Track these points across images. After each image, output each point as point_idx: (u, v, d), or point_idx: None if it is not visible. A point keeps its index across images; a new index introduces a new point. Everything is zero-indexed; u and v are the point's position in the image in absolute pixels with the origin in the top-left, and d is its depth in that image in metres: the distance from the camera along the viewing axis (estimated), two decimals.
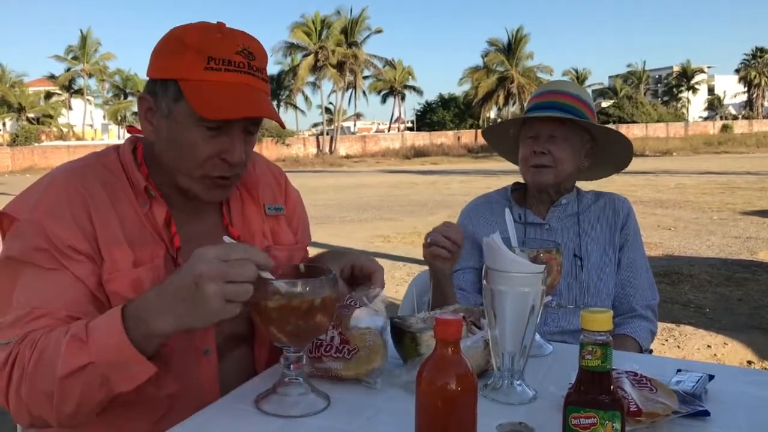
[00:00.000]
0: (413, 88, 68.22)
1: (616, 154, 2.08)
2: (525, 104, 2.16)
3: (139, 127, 1.35)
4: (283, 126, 1.35)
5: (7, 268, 1.19)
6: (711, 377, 1.25)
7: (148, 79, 1.29)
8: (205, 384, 1.31)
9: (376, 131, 76.61)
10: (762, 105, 76.25)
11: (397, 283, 6.53)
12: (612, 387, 0.90)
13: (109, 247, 1.22)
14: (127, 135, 1.41)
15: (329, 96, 58.90)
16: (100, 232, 1.22)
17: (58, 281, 1.16)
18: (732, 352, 4.39)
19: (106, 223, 1.23)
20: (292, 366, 1.15)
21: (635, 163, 2.15)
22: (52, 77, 64.38)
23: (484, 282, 1.22)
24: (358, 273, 1.37)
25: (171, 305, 1.03)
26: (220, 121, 1.22)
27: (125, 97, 65.07)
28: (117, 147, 1.36)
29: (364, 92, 61.56)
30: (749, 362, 4.21)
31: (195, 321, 1.03)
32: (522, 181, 2.14)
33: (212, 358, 1.32)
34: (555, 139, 1.93)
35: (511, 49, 57.34)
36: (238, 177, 1.33)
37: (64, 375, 1.04)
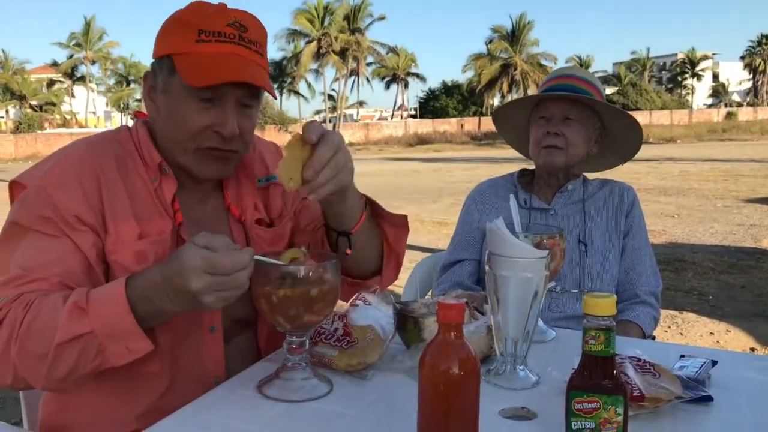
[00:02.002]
0: (416, 75, 67.98)
1: (625, 142, 2.08)
2: (528, 91, 2.15)
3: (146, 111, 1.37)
4: (274, 95, 1.34)
5: (11, 232, 1.20)
6: (714, 363, 1.25)
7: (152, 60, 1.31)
8: (209, 362, 1.32)
9: (378, 119, 76.36)
10: (767, 92, 75.81)
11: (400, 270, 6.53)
12: (615, 372, 0.89)
13: (116, 219, 1.24)
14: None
15: (332, 83, 58.65)
16: (107, 205, 1.24)
17: (57, 248, 1.18)
18: (735, 340, 4.39)
19: (114, 196, 1.25)
20: (294, 351, 1.16)
21: (639, 151, 2.15)
22: (54, 64, 64.29)
23: (487, 267, 1.21)
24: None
25: (175, 300, 1.05)
26: (212, 92, 1.23)
27: (128, 85, 64.97)
28: (128, 126, 1.38)
29: (367, 79, 61.40)
30: (752, 349, 4.21)
31: (202, 310, 1.14)
32: (529, 168, 2.14)
33: (218, 336, 1.32)
34: (569, 121, 1.94)
35: (514, 36, 57.07)
36: (237, 155, 1.33)
37: (63, 341, 1.05)
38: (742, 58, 76.96)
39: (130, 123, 1.40)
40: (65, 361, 1.07)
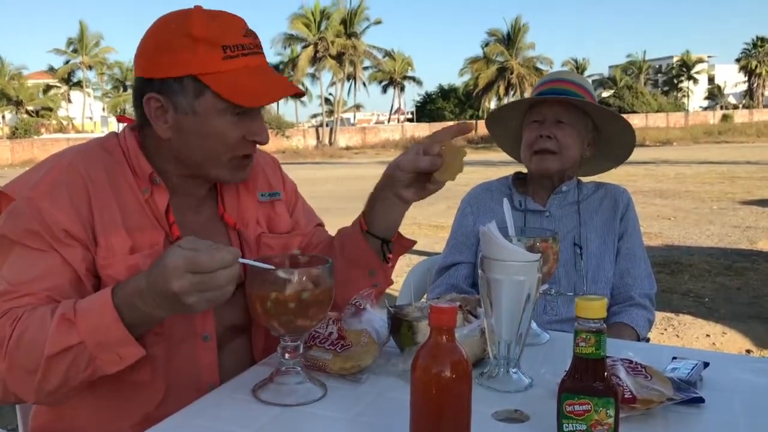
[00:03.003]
0: (413, 79, 68.01)
1: (618, 145, 2.09)
2: (525, 95, 2.16)
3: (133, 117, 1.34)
4: (303, 93, 1.35)
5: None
6: (706, 365, 1.25)
7: (147, 78, 1.24)
8: (204, 370, 1.32)
9: (375, 122, 76.43)
10: (762, 94, 75.97)
11: (396, 273, 6.53)
12: (606, 374, 0.90)
13: (106, 232, 1.22)
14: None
15: (329, 87, 58.66)
16: (97, 218, 1.22)
17: (45, 262, 1.17)
18: (731, 342, 4.39)
19: (105, 208, 1.23)
20: (288, 355, 1.16)
21: (635, 153, 2.16)
22: (51, 70, 64.19)
23: (480, 271, 1.22)
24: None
25: (161, 304, 1.05)
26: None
27: (125, 90, 64.90)
28: (116, 134, 1.35)
29: (364, 83, 61.41)
30: (748, 351, 4.22)
31: (189, 313, 1.09)
32: (524, 171, 2.15)
33: (212, 344, 1.32)
34: (561, 124, 1.95)
35: (510, 39, 57.18)
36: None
37: (52, 354, 1.05)
38: (738, 60, 77.18)
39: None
40: (56, 374, 1.07)
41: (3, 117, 58.33)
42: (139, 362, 1.11)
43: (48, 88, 62.75)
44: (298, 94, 1.31)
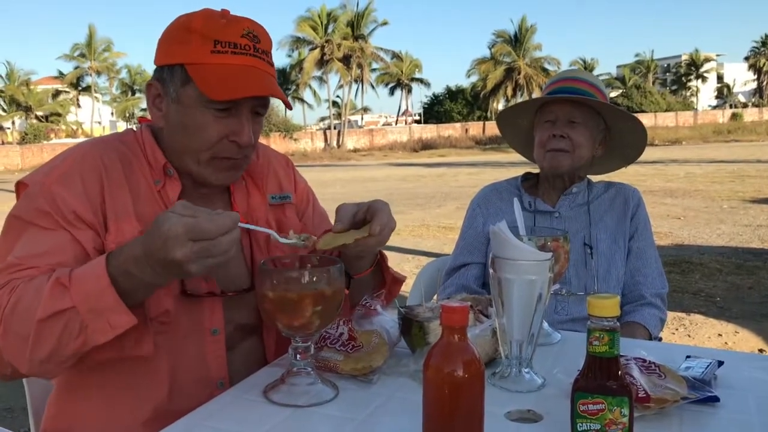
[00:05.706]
0: (420, 81, 67.98)
1: (629, 145, 2.08)
2: (533, 95, 2.16)
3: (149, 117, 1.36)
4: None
5: (12, 226, 1.21)
6: (720, 363, 1.25)
7: (155, 66, 1.31)
8: (212, 364, 1.32)
9: (383, 124, 76.43)
10: None
11: (406, 275, 6.53)
12: (620, 373, 0.89)
13: (117, 219, 1.24)
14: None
15: (336, 90, 58.72)
16: (109, 205, 1.24)
17: (53, 240, 1.18)
18: (743, 341, 4.37)
19: (117, 196, 1.25)
20: (299, 356, 1.16)
21: (644, 153, 2.15)
22: (60, 75, 64.57)
23: (491, 270, 1.21)
24: (369, 217, 1.30)
25: (159, 271, 1.03)
26: (228, 103, 1.24)
27: (133, 94, 65.25)
28: (133, 129, 1.39)
29: (371, 85, 61.46)
30: (760, 350, 4.19)
31: (188, 278, 1.11)
32: (533, 171, 2.14)
33: (220, 338, 1.32)
34: (574, 124, 1.94)
35: (518, 40, 57.07)
36: (247, 159, 1.34)
37: (44, 317, 1.05)
38: (747, 58, 76.76)
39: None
40: (47, 339, 1.06)
41: (13, 122, 58.70)
42: (137, 334, 1.11)
43: (57, 93, 63.12)
44: (279, 98, 1.28)
